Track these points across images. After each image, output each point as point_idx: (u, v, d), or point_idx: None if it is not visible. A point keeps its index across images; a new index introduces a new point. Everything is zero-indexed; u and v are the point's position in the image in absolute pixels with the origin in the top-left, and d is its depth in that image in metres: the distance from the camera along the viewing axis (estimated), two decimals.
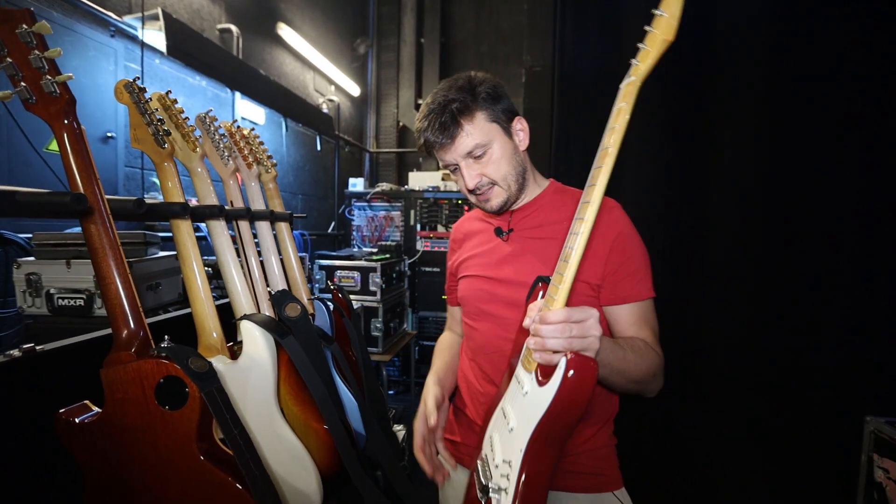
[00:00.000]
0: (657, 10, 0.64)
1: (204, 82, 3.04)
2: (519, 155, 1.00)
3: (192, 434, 0.71)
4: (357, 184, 4.11)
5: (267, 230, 1.22)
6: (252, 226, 1.17)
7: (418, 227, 3.80)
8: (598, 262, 0.92)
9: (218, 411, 0.72)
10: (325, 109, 4.81)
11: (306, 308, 1.05)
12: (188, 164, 1.01)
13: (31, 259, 1.40)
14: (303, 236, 3.48)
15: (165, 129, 0.92)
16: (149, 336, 0.75)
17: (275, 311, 1.02)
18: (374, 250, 3.28)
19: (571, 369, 0.56)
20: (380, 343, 2.66)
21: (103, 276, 0.74)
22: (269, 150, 1.29)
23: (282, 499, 0.83)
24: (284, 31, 3.92)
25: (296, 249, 1.30)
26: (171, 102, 0.98)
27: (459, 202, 3.68)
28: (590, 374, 0.57)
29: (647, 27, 0.64)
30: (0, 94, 0.68)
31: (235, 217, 1.10)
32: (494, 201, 0.98)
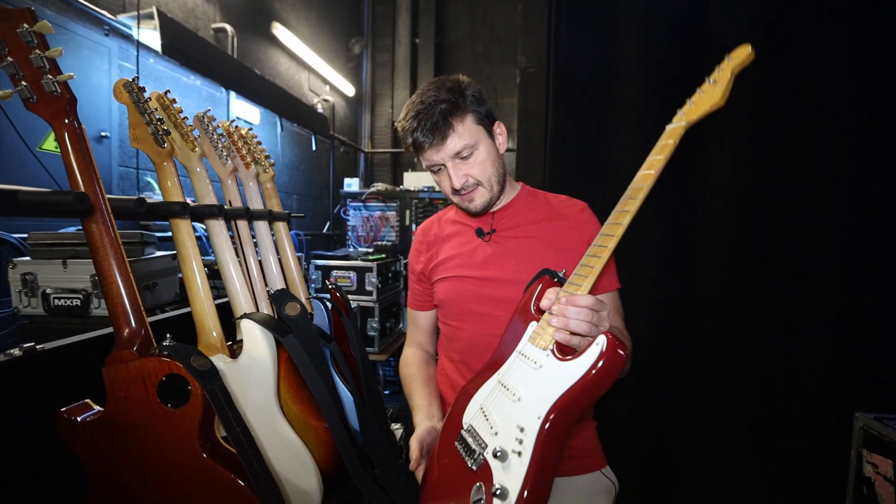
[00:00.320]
0: (710, 78, 0.79)
1: (199, 82, 3.02)
2: (500, 157, 1.05)
3: (195, 432, 0.71)
4: (352, 184, 4.10)
5: (265, 230, 1.22)
6: (250, 225, 1.18)
7: (413, 227, 3.80)
8: (577, 256, 0.99)
9: (220, 409, 0.73)
10: (320, 109, 4.80)
11: (305, 307, 1.05)
12: (187, 164, 1.01)
13: (27, 259, 1.39)
14: (298, 236, 3.47)
15: (165, 129, 0.92)
16: (150, 334, 0.76)
17: (274, 310, 1.03)
18: (370, 250, 3.27)
19: (611, 349, 0.62)
20: (376, 343, 2.66)
21: (105, 274, 0.74)
22: (265, 151, 1.29)
23: (283, 496, 0.83)
24: (279, 30, 3.91)
25: (293, 249, 1.31)
26: (170, 102, 0.98)
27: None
28: (622, 357, 0.63)
29: (700, 88, 0.79)
30: (0, 93, 0.68)
31: (234, 216, 1.11)
32: (478, 201, 1.01)
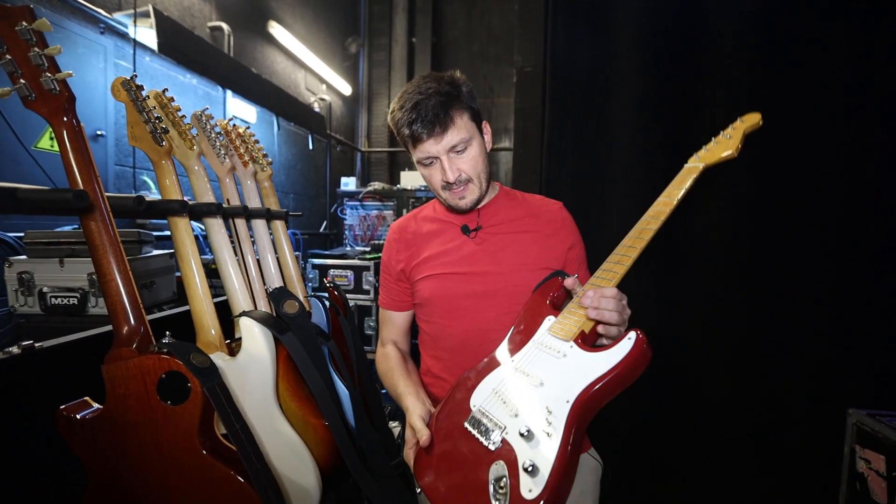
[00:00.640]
0: (725, 132, 0.91)
1: (195, 80, 3.02)
2: (487, 155, 1.05)
3: (195, 429, 0.72)
4: (349, 183, 4.10)
5: (263, 228, 1.23)
6: (248, 224, 1.18)
7: None
8: (561, 252, 1.04)
9: (220, 406, 0.73)
10: (317, 108, 4.80)
11: (304, 305, 1.06)
12: (185, 162, 1.01)
13: (23, 258, 1.39)
14: (295, 235, 3.46)
15: (163, 127, 0.92)
16: (149, 332, 0.76)
17: (273, 308, 1.03)
18: (367, 249, 3.28)
19: (641, 344, 0.67)
20: (373, 342, 2.67)
21: (104, 272, 0.74)
22: (262, 150, 1.29)
23: (283, 493, 0.84)
24: (276, 29, 3.90)
25: (291, 248, 1.31)
26: (168, 100, 0.98)
27: None
28: (649, 354, 0.68)
29: (714, 138, 0.91)
30: None
31: (233, 215, 1.11)
32: (469, 198, 1.01)
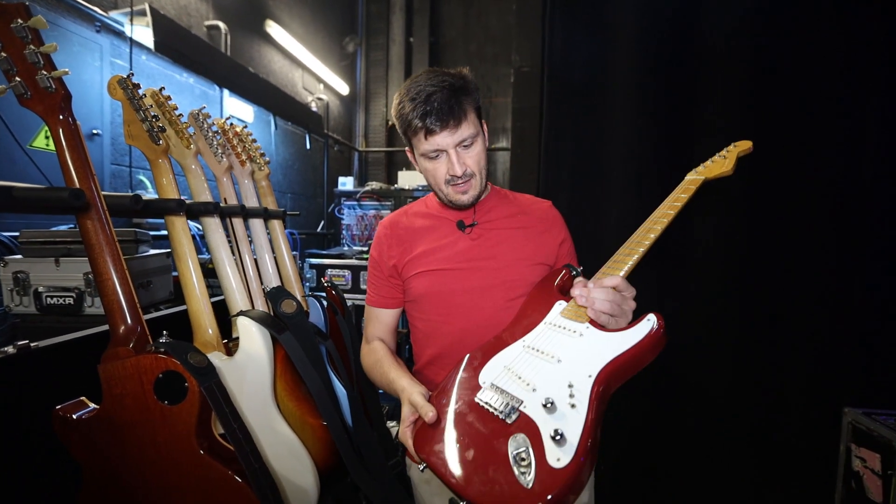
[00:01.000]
0: (721, 154, 0.98)
1: (192, 79, 3.01)
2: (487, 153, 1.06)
3: (192, 429, 0.71)
4: (346, 182, 4.08)
5: (261, 228, 1.22)
6: (246, 223, 1.17)
7: None
8: (553, 248, 1.05)
9: (217, 406, 0.73)
10: (314, 108, 4.79)
11: (302, 304, 1.05)
12: (182, 161, 1.01)
13: (19, 257, 1.38)
14: (293, 235, 3.46)
15: (160, 126, 0.91)
16: (146, 331, 0.75)
17: (270, 308, 1.03)
18: (365, 249, 3.27)
19: (661, 328, 0.70)
20: None
21: (100, 272, 0.74)
22: (260, 149, 1.29)
23: (281, 493, 0.83)
24: (273, 28, 3.89)
25: (289, 247, 1.31)
26: (165, 99, 0.98)
27: None
28: (665, 339, 0.70)
29: (711, 158, 0.99)
30: None
31: (230, 214, 1.10)
32: (471, 193, 0.99)
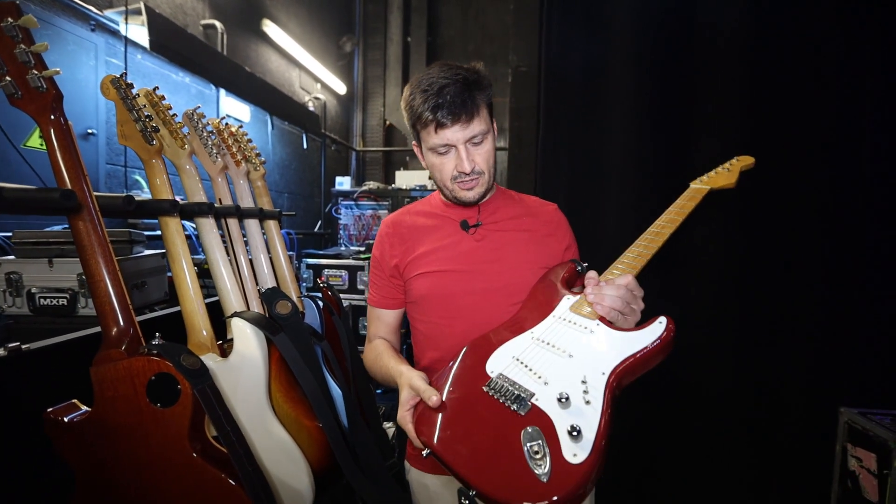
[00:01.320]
0: (725, 166, 1.07)
1: (187, 79, 2.99)
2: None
3: (185, 431, 0.71)
4: (344, 182, 4.08)
5: (256, 228, 1.21)
6: (241, 224, 1.17)
7: None
8: (558, 252, 1.05)
9: (211, 408, 0.72)
10: (311, 107, 4.77)
11: (297, 305, 1.05)
12: (176, 161, 1.00)
13: (11, 258, 1.37)
14: (289, 235, 3.44)
15: (154, 126, 0.91)
16: (139, 333, 0.75)
17: (265, 309, 1.02)
18: (362, 249, 3.27)
19: (671, 331, 0.73)
20: None
21: (92, 273, 0.73)
22: (255, 149, 1.28)
23: (275, 496, 0.83)
24: (270, 27, 3.88)
25: (285, 247, 1.30)
26: (159, 99, 0.97)
27: None
28: (672, 344, 0.72)
29: (715, 169, 1.08)
30: None
31: (225, 214, 1.10)
32: (477, 190, 0.96)
